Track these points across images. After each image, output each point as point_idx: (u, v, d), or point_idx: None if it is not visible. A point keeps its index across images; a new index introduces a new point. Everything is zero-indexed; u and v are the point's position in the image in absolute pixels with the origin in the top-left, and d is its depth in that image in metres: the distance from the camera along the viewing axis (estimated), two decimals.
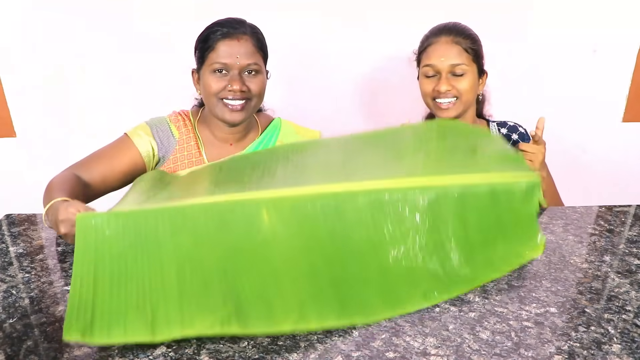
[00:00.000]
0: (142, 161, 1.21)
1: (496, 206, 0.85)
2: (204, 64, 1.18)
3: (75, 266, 0.73)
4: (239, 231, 0.78)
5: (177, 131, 1.24)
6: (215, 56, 1.16)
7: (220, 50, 1.16)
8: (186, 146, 1.24)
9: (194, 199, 0.88)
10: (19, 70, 1.72)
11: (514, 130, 1.40)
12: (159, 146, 1.22)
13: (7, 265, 0.95)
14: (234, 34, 1.17)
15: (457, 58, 1.25)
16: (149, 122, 1.25)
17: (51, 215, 0.94)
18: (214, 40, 1.16)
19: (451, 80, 1.26)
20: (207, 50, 1.17)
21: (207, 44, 1.17)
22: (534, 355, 0.70)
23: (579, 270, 0.93)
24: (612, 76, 1.89)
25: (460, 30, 1.27)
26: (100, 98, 1.78)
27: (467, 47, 1.25)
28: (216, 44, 1.16)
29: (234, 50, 1.16)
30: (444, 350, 0.71)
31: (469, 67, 1.25)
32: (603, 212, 1.21)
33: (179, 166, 1.23)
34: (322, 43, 1.75)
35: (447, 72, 1.25)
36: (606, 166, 2.04)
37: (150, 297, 0.70)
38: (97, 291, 0.71)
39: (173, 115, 1.28)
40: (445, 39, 1.26)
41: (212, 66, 1.17)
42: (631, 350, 0.71)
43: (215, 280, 0.72)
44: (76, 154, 1.24)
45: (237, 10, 1.67)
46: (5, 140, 1.82)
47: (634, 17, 1.80)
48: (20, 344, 0.72)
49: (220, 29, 1.17)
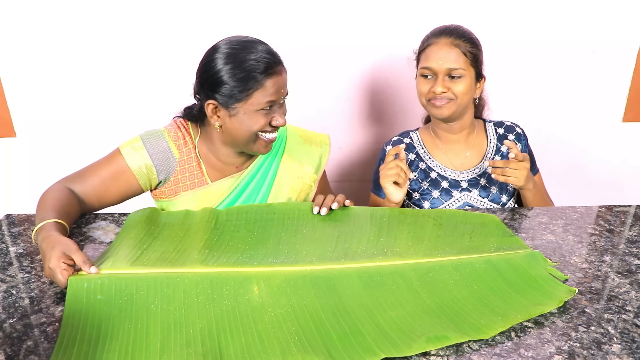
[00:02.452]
0: (137, 181, 1.15)
1: (496, 270, 0.90)
2: (242, 102, 1.07)
3: (63, 326, 0.74)
4: (228, 302, 0.81)
5: (177, 150, 1.17)
6: (263, 95, 1.06)
7: (268, 87, 1.06)
8: (187, 167, 1.18)
9: (186, 267, 0.90)
10: (19, 70, 1.72)
11: (510, 130, 1.40)
12: (157, 169, 1.15)
13: (7, 265, 0.95)
14: (275, 65, 1.07)
15: (454, 61, 1.24)
16: (144, 139, 1.16)
17: (41, 241, 0.91)
18: (259, 78, 1.05)
19: (447, 83, 1.26)
20: (250, 89, 1.05)
21: (250, 83, 1.05)
22: (534, 355, 0.70)
23: (579, 270, 0.93)
24: (612, 76, 1.89)
25: (460, 33, 1.27)
26: (100, 98, 1.77)
27: (466, 50, 1.25)
28: (263, 83, 1.05)
29: (280, 84, 1.09)
30: (444, 350, 0.71)
31: (466, 70, 1.25)
32: (603, 212, 1.21)
33: (180, 187, 1.19)
34: (322, 43, 1.75)
35: (444, 74, 1.25)
36: (606, 166, 2.04)
37: (132, 355, 0.70)
38: (82, 348, 0.71)
39: (173, 129, 1.19)
40: (444, 41, 1.26)
41: (261, 105, 1.07)
42: (631, 350, 0.71)
43: (199, 340, 0.73)
44: (76, 154, 1.24)
45: (237, 10, 1.67)
46: (5, 140, 1.82)
47: (634, 17, 1.80)
48: (20, 344, 0.72)
49: (259, 64, 1.05)
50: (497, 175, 1.21)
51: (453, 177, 1.35)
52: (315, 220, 1.10)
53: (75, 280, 0.82)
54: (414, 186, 1.37)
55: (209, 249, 0.98)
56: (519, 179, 1.20)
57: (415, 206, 1.37)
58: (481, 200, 1.34)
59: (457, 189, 1.34)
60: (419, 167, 1.38)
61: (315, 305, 0.80)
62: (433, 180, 1.36)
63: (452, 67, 1.24)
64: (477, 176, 1.35)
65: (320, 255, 0.95)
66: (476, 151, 1.38)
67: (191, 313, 0.78)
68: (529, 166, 1.22)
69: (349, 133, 1.91)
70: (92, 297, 0.80)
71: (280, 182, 1.24)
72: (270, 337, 0.73)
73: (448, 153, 1.38)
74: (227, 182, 1.20)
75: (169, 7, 1.67)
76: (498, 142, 1.38)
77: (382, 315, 0.77)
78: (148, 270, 0.88)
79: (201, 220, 1.09)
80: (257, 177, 1.22)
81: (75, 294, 0.81)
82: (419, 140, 1.41)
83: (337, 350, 0.70)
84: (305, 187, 1.27)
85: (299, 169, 1.27)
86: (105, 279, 0.84)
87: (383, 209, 1.18)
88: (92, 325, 0.75)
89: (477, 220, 1.11)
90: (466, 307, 0.80)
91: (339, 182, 1.98)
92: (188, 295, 0.82)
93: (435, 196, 1.35)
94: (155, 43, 1.71)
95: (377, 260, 0.93)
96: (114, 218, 1.15)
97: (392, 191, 1.23)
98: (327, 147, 1.32)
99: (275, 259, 0.93)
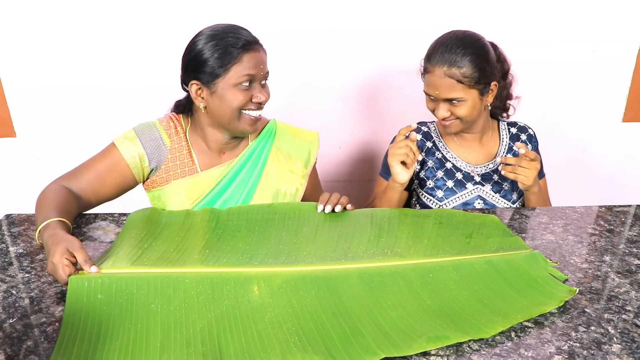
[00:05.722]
0: (131, 172, 1.17)
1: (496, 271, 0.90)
2: (221, 77, 1.11)
3: (63, 326, 0.74)
4: (229, 302, 0.81)
5: (169, 139, 1.20)
6: (241, 69, 1.10)
7: (245, 62, 1.10)
8: (178, 155, 1.21)
9: (187, 267, 0.90)
10: (19, 70, 1.72)
11: (523, 130, 1.41)
12: (149, 157, 1.18)
13: (7, 265, 0.95)
14: (254, 43, 1.12)
15: (450, 92, 1.22)
16: (137, 130, 1.19)
17: (46, 239, 0.92)
18: (236, 52, 1.09)
19: (449, 107, 1.25)
20: (228, 63, 1.10)
21: (227, 57, 1.10)
22: (534, 355, 0.70)
23: (579, 270, 0.93)
24: (612, 76, 1.89)
25: (457, 54, 1.20)
26: (100, 98, 1.77)
27: (462, 77, 1.21)
28: (241, 56, 1.10)
29: (258, 60, 1.12)
30: (444, 350, 0.71)
31: (465, 95, 1.22)
32: (603, 212, 1.21)
33: (171, 176, 1.20)
34: (321, 43, 1.75)
35: (444, 101, 1.25)
36: (606, 166, 2.04)
37: (132, 354, 0.70)
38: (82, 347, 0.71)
39: (165, 119, 1.23)
40: (438, 72, 1.22)
41: (239, 79, 1.10)
42: (631, 350, 0.71)
43: (199, 339, 0.73)
44: (76, 154, 1.24)
45: (237, 10, 1.67)
46: (5, 140, 1.82)
47: (634, 17, 1.80)
48: (20, 344, 0.72)
49: (238, 40, 1.10)
50: (507, 172, 1.22)
51: (467, 170, 1.36)
52: (316, 221, 1.10)
53: (75, 279, 0.83)
54: (428, 174, 1.37)
55: (209, 248, 0.98)
56: (528, 178, 1.20)
57: (428, 195, 1.37)
58: (493, 195, 1.34)
59: (470, 181, 1.35)
60: (435, 155, 1.38)
61: (315, 306, 0.80)
62: (448, 170, 1.36)
63: (448, 97, 1.23)
64: (491, 171, 1.36)
65: (320, 255, 0.95)
66: (489, 149, 1.39)
67: (191, 313, 0.78)
68: (539, 167, 1.22)
69: (349, 133, 1.91)
70: (93, 297, 0.80)
71: (269, 173, 1.25)
72: (270, 337, 0.73)
73: (462, 148, 1.39)
74: (217, 170, 1.22)
75: (169, 8, 1.67)
76: (510, 141, 1.40)
77: (382, 315, 0.77)
78: (148, 270, 0.88)
79: (202, 220, 1.10)
80: (247, 167, 1.24)
81: (76, 292, 0.81)
82: (436, 131, 1.42)
83: (337, 350, 0.70)
84: (294, 180, 1.28)
85: (288, 161, 1.28)
86: (105, 278, 0.84)
87: (384, 209, 1.18)
88: (92, 324, 0.75)
89: (477, 221, 1.11)
90: (466, 307, 0.80)
91: (339, 182, 1.98)
92: (188, 295, 0.82)
93: (449, 186, 1.35)
94: (155, 43, 1.71)
95: (377, 260, 0.93)
96: (114, 218, 1.15)
97: (399, 171, 1.22)
98: (315, 143, 1.33)
99: (275, 259, 0.93)
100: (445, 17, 1.72)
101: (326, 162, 1.89)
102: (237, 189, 1.22)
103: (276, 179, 1.25)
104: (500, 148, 1.39)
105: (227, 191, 1.22)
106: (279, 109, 1.45)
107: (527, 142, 1.39)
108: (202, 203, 1.20)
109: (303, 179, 1.29)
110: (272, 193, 1.24)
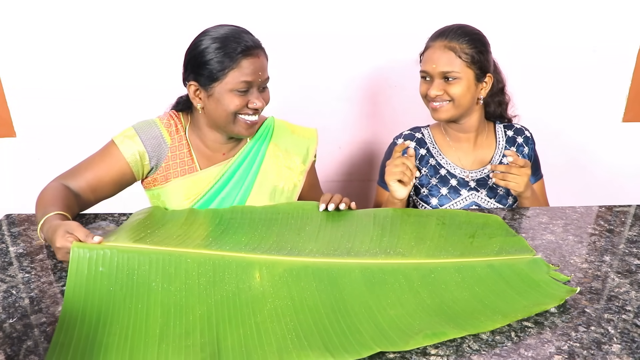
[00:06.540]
0: (130, 170, 1.17)
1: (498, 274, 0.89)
2: (218, 81, 1.10)
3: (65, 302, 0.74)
4: (230, 287, 0.81)
5: (170, 137, 1.20)
6: (239, 75, 1.09)
7: (244, 68, 1.09)
8: (178, 153, 1.21)
9: (190, 248, 0.90)
10: (19, 70, 1.72)
11: (519, 133, 1.40)
12: (149, 154, 1.18)
13: (7, 265, 0.95)
14: (254, 48, 1.11)
15: (448, 65, 1.23)
16: (137, 128, 1.19)
17: (46, 231, 0.94)
18: (235, 58, 1.09)
19: (443, 85, 1.25)
20: (226, 68, 1.09)
21: (226, 62, 1.09)
22: (534, 355, 0.70)
23: (579, 270, 0.93)
24: (612, 76, 1.89)
25: (459, 33, 1.25)
26: (100, 98, 1.77)
27: (462, 52, 1.22)
28: (239, 62, 1.09)
29: (257, 66, 1.11)
30: (444, 350, 0.71)
31: (461, 72, 1.23)
32: (603, 212, 1.21)
33: (171, 174, 1.21)
34: (322, 43, 1.75)
35: (439, 77, 1.25)
36: (606, 166, 2.04)
37: (131, 340, 0.70)
38: (83, 329, 0.71)
39: (165, 117, 1.23)
40: (439, 44, 1.25)
41: (236, 85, 1.10)
42: (631, 350, 0.71)
43: (198, 328, 0.73)
44: (76, 154, 1.24)
45: (237, 10, 1.67)
46: (5, 140, 1.82)
47: (634, 17, 1.80)
48: (20, 344, 0.72)
49: (238, 45, 1.09)
50: (498, 180, 1.22)
51: (462, 175, 1.36)
52: (319, 220, 1.10)
53: (78, 248, 0.83)
54: (422, 181, 1.37)
55: (213, 238, 0.99)
56: (519, 185, 1.20)
57: (423, 202, 1.37)
58: (488, 200, 1.34)
59: (465, 187, 1.35)
60: (429, 162, 1.38)
61: (315, 299, 0.80)
62: (442, 177, 1.36)
63: (445, 70, 1.23)
64: (486, 176, 1.36)
65: (322, 253, 0.95)
66: (485, 152, 1.38)
67: (192, 296, 0.78)
68: (530, 172, 1.22)
69: (350, 132, 1.91)
70: (94, 269, 0.80)
71: (267, 170, 1.25)
72: (268, 331, 0.73)
73: (458, 151, 1.38)
74: (215, 169, 1.23)
75: (170, 8, 1.67)
76: (507, 144, 1.39)
77: (381, 314, 0.77)
78: (151, 247, 0.88)
79: (205, 217, 1.11)
80: (245, 165, 1.25)
81: (78, 264, 0.81)
82: (430, 137, 1.41)
83: (335, 345, 0.70)
84: (292, 176, 1.28)
85: (286, 157, 1.28)
86: (107, 250, 0.84)
87: (386, 209, 1.18)
88: (93, 303, 0.75)
89: (480, 221, 1.11)
90: (467, 307, 0.80)
91: (339, 182, 1.98)
92: (190, 276, 0.82)
93: (443, 193, 1.35)
94: (155, 43, 1.71)
95: (380, 259, 0.93)
96: (114, 218, 1.15)
97: (397, 188, 1.23)
98: (314, 140, 1.33)
99: (278, 253, 0.94)
100: (445, 18, 1.72)
101: (326, 162, 1.89)
102: (234, 187, 1.23)
103: (274, 176, 1.26)
104: (497, 151, 1.38)
105: (225, 189, 1.22)
106: (279, 109, 1.45)
107: (523, 144, 1.38)
108: (201, 202, 1.20)
109: (301, 175, 1.29)
110: (270, 190, 1.25)
